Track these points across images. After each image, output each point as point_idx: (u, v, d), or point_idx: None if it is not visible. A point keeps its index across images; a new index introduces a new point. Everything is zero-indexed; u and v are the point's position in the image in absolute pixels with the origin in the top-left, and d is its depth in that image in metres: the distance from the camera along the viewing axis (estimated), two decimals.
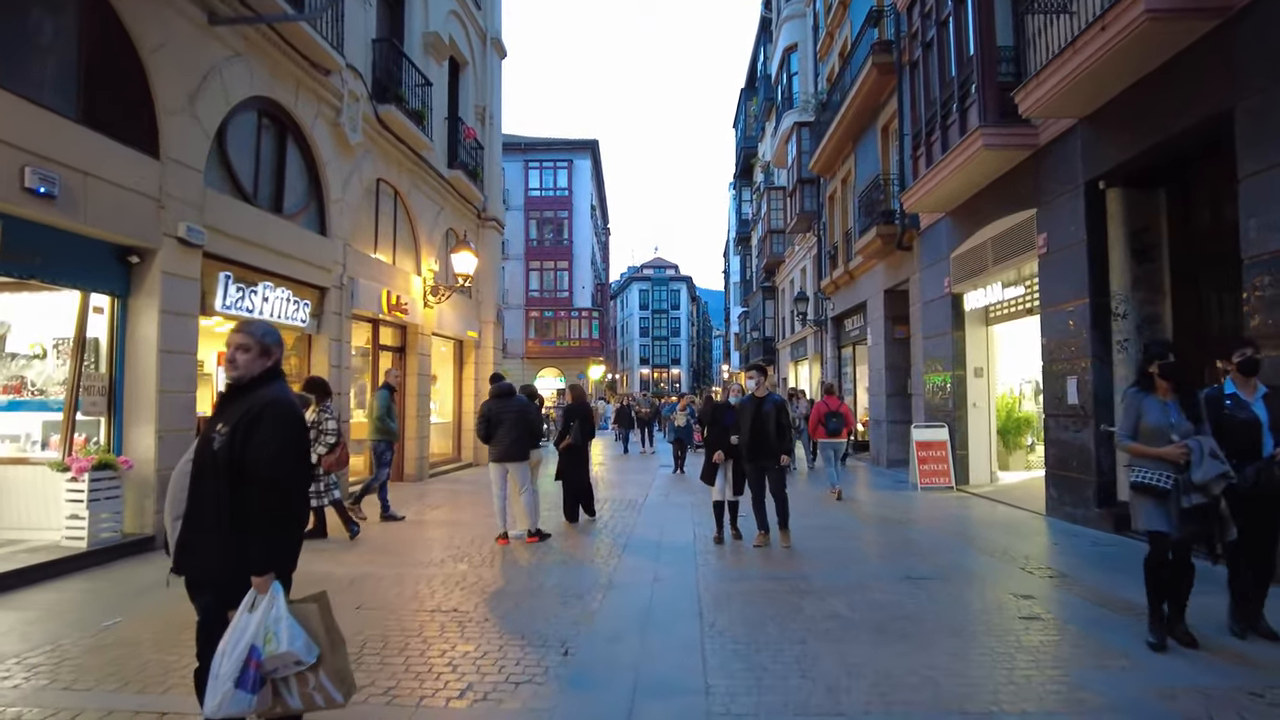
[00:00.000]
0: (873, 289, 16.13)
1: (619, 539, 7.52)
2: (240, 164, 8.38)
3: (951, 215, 11.73)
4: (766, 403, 7.03)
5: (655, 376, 73.46)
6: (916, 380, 13.67)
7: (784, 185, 27.39)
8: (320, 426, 7.38)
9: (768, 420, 6.95)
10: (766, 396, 7.09)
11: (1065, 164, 8.31)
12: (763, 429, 6.94)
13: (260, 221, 8.44)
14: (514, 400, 7.68)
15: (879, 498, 10.78)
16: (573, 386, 8.76)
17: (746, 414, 7.05)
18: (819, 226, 21.09)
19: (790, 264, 26.67)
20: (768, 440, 6.93)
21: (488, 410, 7.58)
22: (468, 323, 15.46)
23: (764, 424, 6.94)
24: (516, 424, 7.52)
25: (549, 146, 46.41)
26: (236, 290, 8.08)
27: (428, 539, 7.64)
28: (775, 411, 6.98)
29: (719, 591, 5.46)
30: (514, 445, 7.50)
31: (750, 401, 7.13)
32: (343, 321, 10.33)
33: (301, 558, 2.82)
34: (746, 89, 37.62)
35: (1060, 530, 7.92)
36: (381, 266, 11.74)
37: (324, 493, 7.47)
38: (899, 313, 15.35)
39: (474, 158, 15.64)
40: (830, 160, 19.16)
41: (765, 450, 6.96)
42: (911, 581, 5.72)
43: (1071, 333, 8.31)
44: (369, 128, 11.03)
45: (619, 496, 10.89)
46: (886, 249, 14.36)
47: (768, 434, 6.92)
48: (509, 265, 45.34)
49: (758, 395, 7.12)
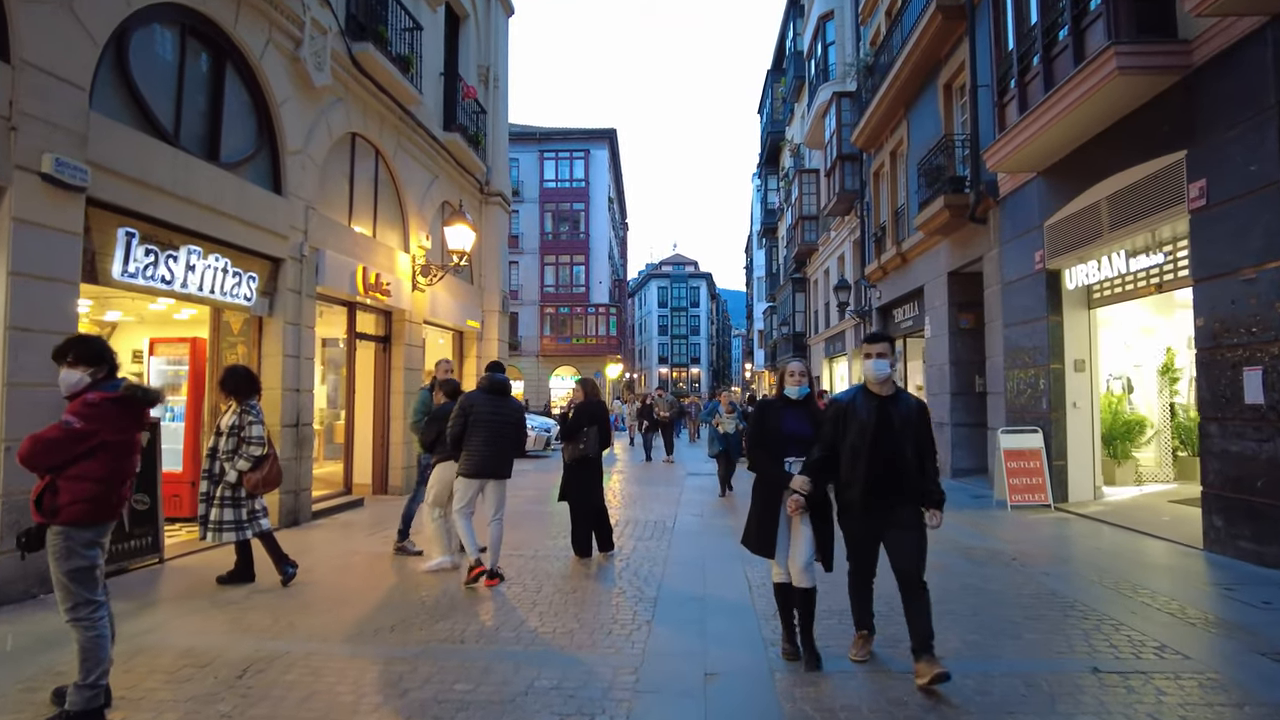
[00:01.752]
0: (933, 272, 14.00)
1: (644, 590, 5.50)
2: (153, 91, 6.48)
3: (1046, 175, 9.61)
4: (899, 403, 3.85)
5: (674, 375, 71.44)
6: (993, 376, 11.54)
7: (817, 167, 25.31)
8: (243, 433, 5.46)
9: (902, 437, 3.76)
10: (897, 394, 3.89)
11: (1246, 81, 6.19)
12: (894, 451, 3.74)
13: (183, 167, 6.54)
14: (508, 402, 5.75)
15: (965, 519, 8.70)
16: (583, 381, 6.79)
17: (855, 422, 3.82)
18: (861, 207, 18.97)
19: (825, 251, 24.54)
20: (903, 473, 3.74)
21: (469, 406, 5.64)
22: (468, 311, 13.54)
23: (895, 443, 3.75)
24: (503, 433, 5.59)
25: (565, 136, 44.63)
26: (145, 254, 6.18)
27: (380, 584, 5.68)
28: (917, 420, 3.85)
29: (818, 706, 3.43)
30: (498, 457, 5.58)
31: (863, 401, 3.87)
32: (303, 301, 8.42)
33: (198, 620, 1.54)
34: (773, 71, 35.51)
35: (1246, 576, 5.80)
36: (358, 239, 9.84)
37: (248, 521, 5.55)
38: (967, 298, 13.23)
39: (476, 123, 13.72)
40: (877, 131, 17.05)
41: (895, 490, 3.76)
42: (1101, 678, 3.67)
43: (1252, 309, 6.19)
44: (341, 70, 9.13)
45: (641, 518, 8.88)
46: (954, 223, 12.24)
47: (903, 461, 3.74)
48: (523, 260, 43.58)
49: (878, 390, 3.87)
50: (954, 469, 13.08)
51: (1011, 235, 10.69)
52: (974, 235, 12.15)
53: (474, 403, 5.62)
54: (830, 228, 23.25)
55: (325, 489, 9.79)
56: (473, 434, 5.55)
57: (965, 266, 12.79)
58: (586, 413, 6.55)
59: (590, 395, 6.71)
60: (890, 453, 3.73)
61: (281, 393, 8.04)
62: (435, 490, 6.07)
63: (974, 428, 13.09)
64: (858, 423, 3.81)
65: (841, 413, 3.89)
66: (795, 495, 3.78)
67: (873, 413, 3.78)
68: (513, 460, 5.75)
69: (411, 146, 11.38)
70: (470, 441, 5.55)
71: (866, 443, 3.75)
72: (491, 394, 5.72)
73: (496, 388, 5.75)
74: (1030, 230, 10.06)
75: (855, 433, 3.80)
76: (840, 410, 3.90)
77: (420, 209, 11.72)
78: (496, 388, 5.75)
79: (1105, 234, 8.37)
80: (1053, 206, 9.48)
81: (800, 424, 4.01)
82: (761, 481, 4.03)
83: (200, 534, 5.52)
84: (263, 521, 5.62)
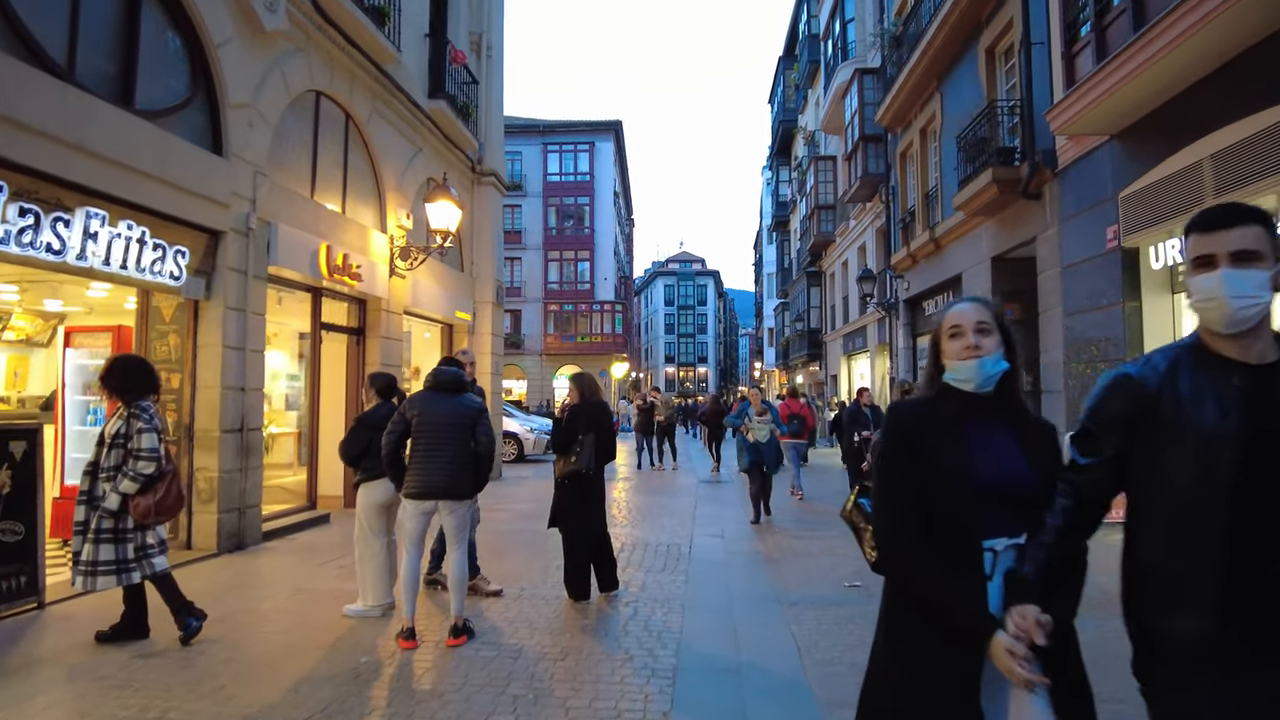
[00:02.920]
0: (973, 257, 12.61)
1: (658, 653, 4.12)
2: (33, 8, 5.15)
3: (1122, 138, 8.22)
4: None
5: (681, 375, 70.08)
6: (1049, 373, 10.14)
7: (834, 154, 23.93)
8: (130, 444, 4.13)
9: None
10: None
11: None
12: None
13: (78, 109, 5.22)
14: (462, 400, 4.41)
15: None
16: (578, 377, 5.41)
17: (1184, 435, 1.49)
18: (886, 192, 17.57)
19: (843, 243, 23.13)
20: None
21: (410, 409, 4.31)
22: (457, 302, 12.20)
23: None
24: (454, 439, 4.26)
25: (569, 128, 43.31)
26: (20, 214, 4.85)
27: (310, 644, 4.33)
28: None
29: None
30: (450, 470, 4.24)
31: (1199, 379, 1.51)
32: (249, 283, 7.10)
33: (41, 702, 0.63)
34: (785, 57, 34.12)
35: None
36: (322, 214, 8.51)
37: (135, 561, 4.21)
38: (1013, 286, 11.82)
39: (466, 94, 12.39)
40: (905, 107, 15.66)
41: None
42: None
43: None
44: (300, 15, 7.80)
45: (649, 539, 7.52)
46: (1002, 200, 10.84)
47: None
48: (526, 256, 42.27)
49: (1235, 348, 1.51)
50: None
51: (1075, 210, 9.29)
52: (1024, 214, 10.76)
53: (417, 404, 4.29)
54: (850, 216, 21.84)
55: (289, 502, 8.47)
56: (416, 442, 4.22)
57: (1012, 250, 11.40)
58: (583, 417, 5.19)
59: (588, 394, 5.34)
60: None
61: (221, 392, 6.72)
62: (365, 516, 4.75)
63: None
64: (1193, 435, 1.49)
65: (1144, 408, 1.56)
66: (1018, 649, 1.43)
67: (1237, 408, 1.47)
68: (474, 476, 4.41)
69: (389, 113, 10.05)
70: (414, 452, 4.22)
71: (1226, 488, 1.45)
72: (440, 391, 4.39)
73: (446, 383, 4.40)
74: (1100, 203, 8.66)
75: (1188, 461, 1.49)
76: (1139, 400, 1.57)
77: (400, 185, 10.39)
78: (446, 383, 4.40)
79: (1210, 200, 6.97)
80: (1131, 173, 8.08)
81: (1003, 452, 1.68)
82: (902, 616, 1.70)
83: (72, 578, 4.19)
84: (156, 560, 4.27)
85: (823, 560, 6.41)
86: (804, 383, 32.15)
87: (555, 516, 5.18)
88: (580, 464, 5.04)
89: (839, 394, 22.21)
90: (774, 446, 9.00)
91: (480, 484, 4.48)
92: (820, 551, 6.85)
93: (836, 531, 7.92)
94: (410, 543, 4.27)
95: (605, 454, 5.24)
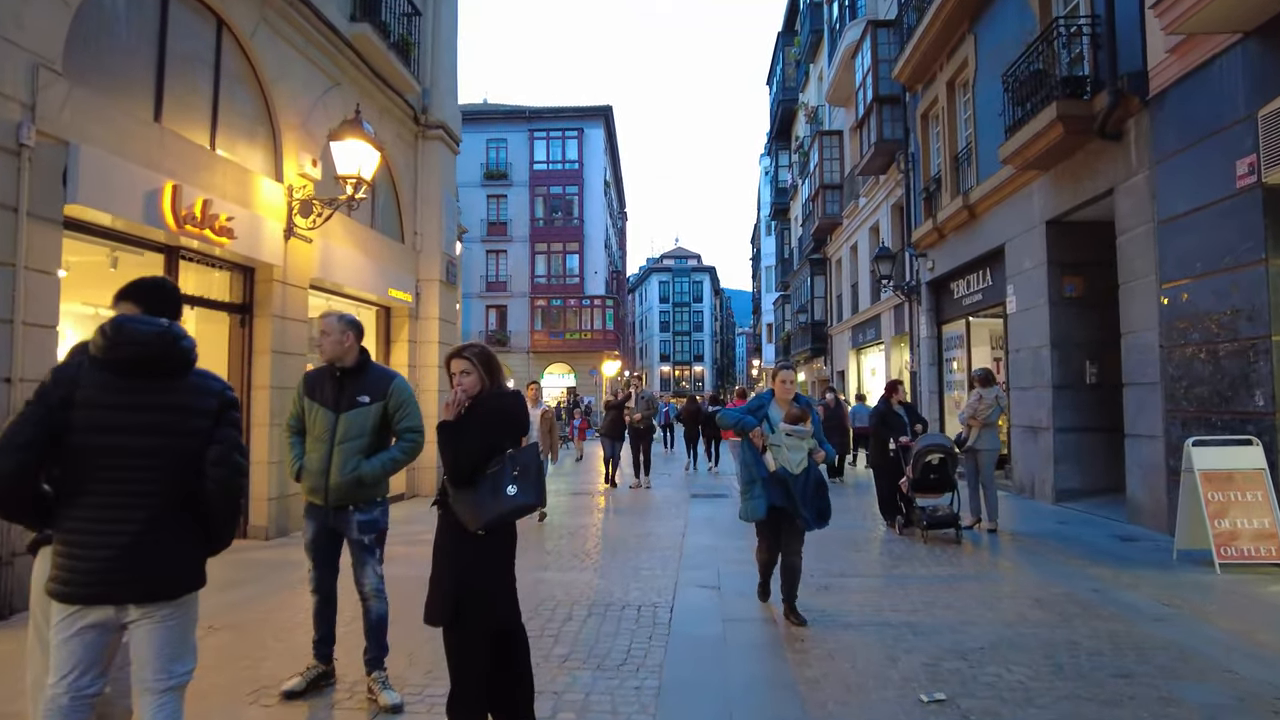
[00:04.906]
0: (1021, 223, 10.40)
1: None
2: None
3: (1264, 33, 6.02)
4: None
5: (677, 374, 67.92)
6: (1135, 359, 7.92)
7: (840, 129, 21.76)
8: None
9: None
10: None
11: None
12: None
13: None
14: (180, 388, 2.19)
15: (1139, 584, 5.14)
16: (468, 351, 3.08)
17: None
18: (905, 159, 15.36)
19: (850, 224, 20.92)
20: None
21: (58, 400, 2.03)
22: (391, 278, 9.94)
23: None
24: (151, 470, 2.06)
25: (557, 114, 41.10)
26: None
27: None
28: None
29: None
30: (139, 541, 2.03)
31: None
32: (24, 227, 4.84)
33: None
34: (784, 33, 31.92)
35: None
36: (170, 143, 6.25)
37: None
38: (1075, 256, 9.67)
39: (406, 25, 10.15)
40: (928, 58, 13.47)
41: None
42: None
43: None
44: None
45: (612, 596, 5.27)
46: (1067, 145, 8.63)
47: None
48: (512, 248, 40.04)
49: None
50: (1057, 490, 9.50)
51: (1178, 146, 7.08)
52: (1094, 162, 8.55)
53: (72, 392, 2.02)
54: (859, 193, 19.63)
55: None
56: (69, 475, 2.02)
57: (1074, 211, 9.20)
58: (491, 421, 2.90)
59: (489, 382, 3.04)
60: None
61: None
62: (37, 611, 2.47)
63: (1084, 433, 9.52)
64: None
65: None
66: None
67: None
68: (201, 547, 2.18)
69: (289, 30, 7.81)
70: (63, 499, 2.02)
71: None
72: (119, 371, 2.09)
73: (129, 352, 2.07)
74: (1221, 129, 6.45)
75: None
76: None
77: (306, 124, 8.13)
78: (129, 352, 2.07)
79: None
80: (1277, 83, 5.90)
81: None
82: None
83: None
84: None
85: (872, 639, 4.18)
86: (806, 380, 29.91)
87: (445, 602, 2.86)
88: (484, 515, 2.75)
89: (844, 390, 19.95)
90: (816, 482, 4.66)
91: (216, 549, 2.23)
92: (865, 618, 4.62)
93: (879, 580, 5.69)
94: (54, 694, 2.02)
95: (531, 493, 2.92)
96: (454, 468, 2.81)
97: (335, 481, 3.32)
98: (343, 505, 3.37)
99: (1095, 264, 9.64)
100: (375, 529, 3.43)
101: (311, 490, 3.40)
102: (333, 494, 3.34)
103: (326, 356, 3.42)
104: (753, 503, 4.61)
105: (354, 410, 3.37)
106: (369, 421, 3.38)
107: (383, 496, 3.50)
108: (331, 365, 3.43)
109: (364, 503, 3.39)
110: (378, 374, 3.50)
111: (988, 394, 7.48)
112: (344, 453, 3.33)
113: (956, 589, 5.32)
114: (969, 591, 5.24)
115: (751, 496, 4.63)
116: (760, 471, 4.60)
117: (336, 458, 3.33)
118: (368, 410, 3.38)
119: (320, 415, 3.40)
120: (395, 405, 3.43)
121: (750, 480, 4.66)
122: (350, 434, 3.35)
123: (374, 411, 3.40)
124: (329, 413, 3.39)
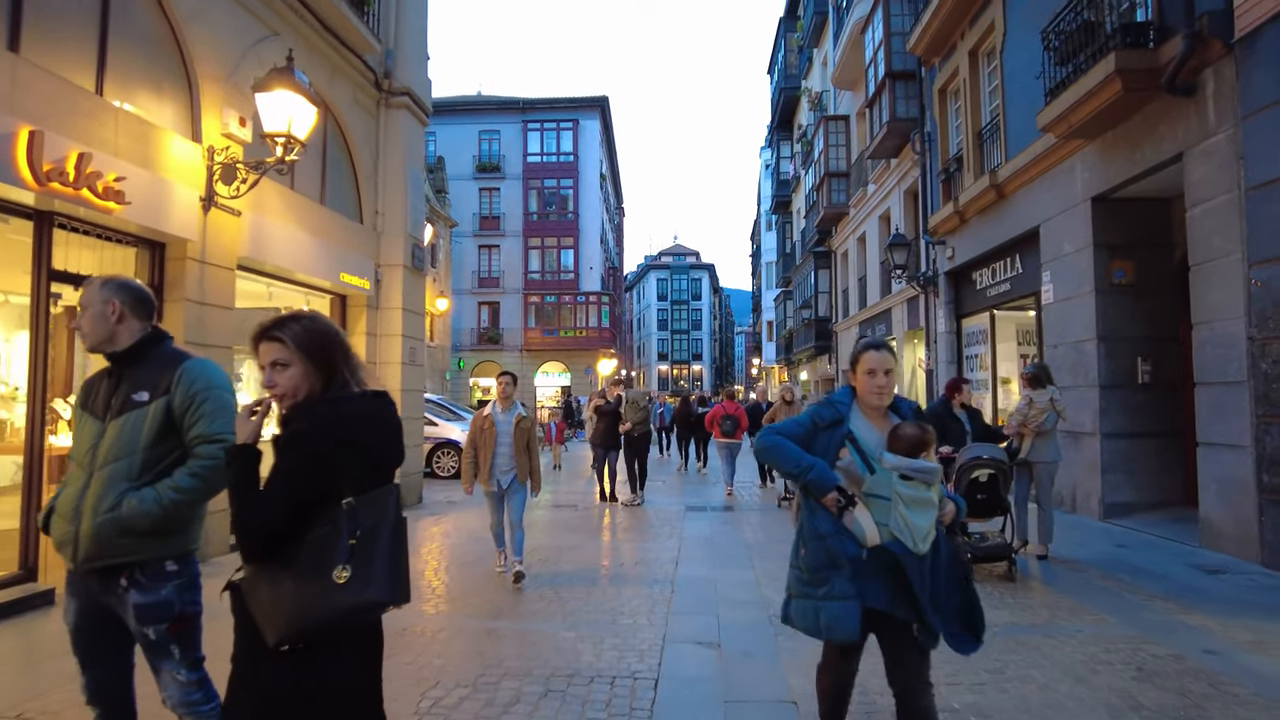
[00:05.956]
0: (1060, 202, 9.17)
1: None
2: None
3: None
4: None
5: (675, 374, 66.67)
6: (1209, 355, 6.67)
7: (846, 114, 20.53)
8: None
9: None
10: None
11: None
12: None
13: None
14: None
15: (1277, 646, 3.93)
16: (301, 323, 1.91)
17: None
18: (921, 140, 14.12)
19: (858, 214, 19.70)
20: None
21: None
22: (346, 261, 8.70)
23: None
24: None
25: (551, 105, 39.81)
26: None
27: None
28: None
29: None
30: None
31: None
32: None
33: None
34: (786, 19, 30.68)
35: None
36: (33, 80, 5.01)
37: None
38: (1126, 237, 8.47)
39: None
40: (947, 26, 12.26)
41: None
42: None
43: None
44: None
45: (579, 661, 4.06)
46: (1124, 106, 7.40)
47: None
48: (505, 243, 38.78)
49: None
50: (1105, 505, 8.29)
51: (1278, 94, 5.86)
52: (1155, 124, 7.34)
53: None
54: (868, 179, 18.40)
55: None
56: None
57: (1128, 184, 7.99)
58: (315, 450, 1.70)
59: (322, 380, 1.78)
60: None
61: None
62: None
63: (1136, 439, 8.31)
64: None
65: None
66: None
67: None
68: None
69: None
70: None
71: None
72: None
73: None
74: None
75: None
76: None
77: (233, 76, 6.88)
78: None
79: None
80: None
81: None
82: None
83: None
84: None
85: None
86: (808, 379, 28.70)
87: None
88: (294, 617, 1.54)
89: None
90: (950, 561, 2.47)
91: None
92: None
93: None
94: None
95: (383, 571, 1.68)
96: (244, 527, 1.58)
97: (86, 527, 2.09)
98: (110, 569, 2.13)
99: (1149, 246, 8.46)
100: (166, 616, 2.15)
101: (59, 543, 2.16)
102: (82, 547, 2.11)
103: (88, 342, 2.20)
104: (830, 607, 2.37)
105: (125, 414, 2.14)
106: (143, 430, 2.14)
107: (182, 557, 2.24)
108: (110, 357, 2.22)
109: (145, 568, 2.15)
110: (164, 358, 2.26)
111: (1040, 397, 6.25)
112: (103, 481, 2.11)
113: (1026, 646, 4.10)
114: (1044, 651, 4.02)
115: (825, 594, 2.39)
116: (846, 547, 2.37)
117: (93, 489, 2.10)
118: (143, 412, 2.15)
119: (86, 428, 2.18)
120: (183, 401, 2.17)
121: (821, 565, 2.41)
122: (115, 452, 2.12)
123: (153, 413, 2.16)
124: (96, 423, 2.17)
